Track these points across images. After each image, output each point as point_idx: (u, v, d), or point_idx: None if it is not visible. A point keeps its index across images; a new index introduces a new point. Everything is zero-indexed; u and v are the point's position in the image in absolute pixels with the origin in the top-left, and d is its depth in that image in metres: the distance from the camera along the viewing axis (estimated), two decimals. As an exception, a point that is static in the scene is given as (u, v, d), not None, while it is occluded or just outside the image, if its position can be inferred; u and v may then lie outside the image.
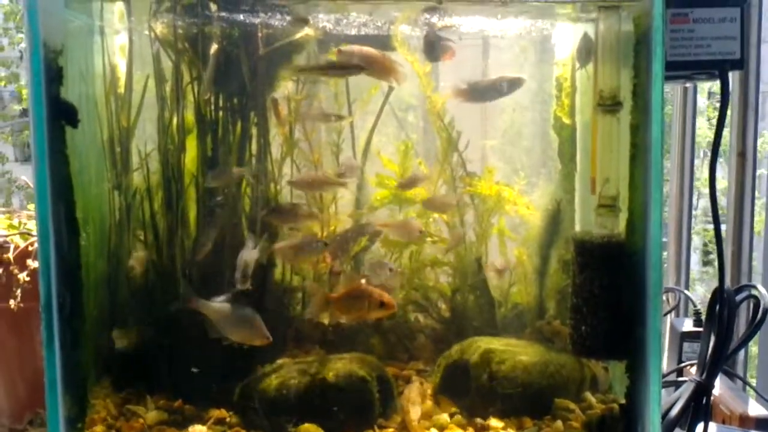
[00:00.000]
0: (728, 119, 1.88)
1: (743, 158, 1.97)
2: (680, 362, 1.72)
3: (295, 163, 1.54)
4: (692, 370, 1.41)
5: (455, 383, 1.39)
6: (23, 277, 1.48)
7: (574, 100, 1.55)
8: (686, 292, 2.04)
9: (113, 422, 1.30)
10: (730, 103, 1.57)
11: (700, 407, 1.30)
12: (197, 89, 1.43)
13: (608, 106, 1.38)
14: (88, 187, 1.36)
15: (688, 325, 1.77)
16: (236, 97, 1.46)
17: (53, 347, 1.14)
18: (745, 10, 1.26)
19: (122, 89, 1.44)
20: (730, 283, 1.94)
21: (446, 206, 1.57)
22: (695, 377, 1.32)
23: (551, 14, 1.46)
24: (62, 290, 1.16)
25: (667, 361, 1.80)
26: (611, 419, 1.29)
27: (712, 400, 1.35)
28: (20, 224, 1.63)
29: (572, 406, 1.33)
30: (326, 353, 1.47)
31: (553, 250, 1.57)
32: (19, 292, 1.48)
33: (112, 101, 1.43)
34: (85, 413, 1.26)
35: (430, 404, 1.38)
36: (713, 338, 1.32)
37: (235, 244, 1.41)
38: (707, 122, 7.08)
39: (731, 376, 1.80)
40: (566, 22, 1.49)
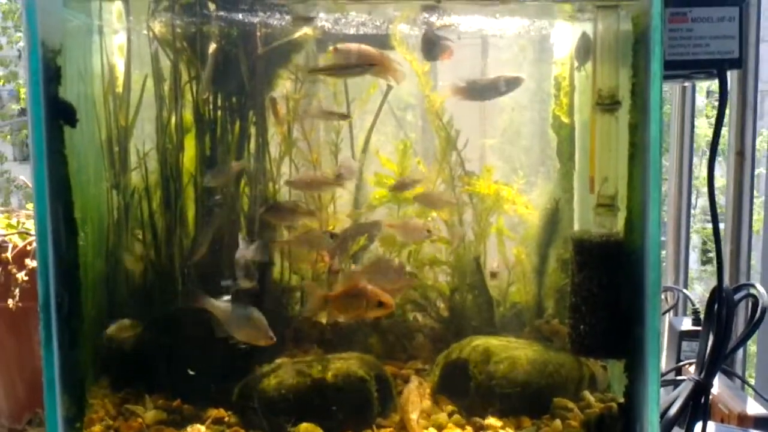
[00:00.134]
0: (727, 118, 1.89)
1: (742, 157, 1.97)
2: (679, 361, 1.72)
3: (293, 162, 1.54)
4: (691, 369, 1.41)
5: (454, 382, 1.39)
6: (21, 276, 1.48)
7: (572, 99, 1.55)
8: (685, 290, 2.04)
9: (111, 422, 1.29)
10: (728, 102, 1.57)
11: (698, 406, 1.30)
12: (196, 88, 1.43)
13: (607, 105, 1.38)
14: (86, 186, 1.36)
15: (686, 324, 1.77)
16: (235, 96, 1.46)
17: (51, 347, 1.14)
18: (743, 9, 1.26)
19: (121, 89, 1.44)
20: (728, 282, 1.94)
21: (439, 202, 1.57)
22: (694, 376, 1.31)
23: (550, 13, 1.46)
24: (60, 290, 1.16)
25: (665, 360, 1.79)
26: (610, 418, 1.29)
27: (710, 399, 1.35)
28: (19, 224, 1.63)
29: (571, 405, 1.33)
30: (325, 352, 1.47)
31: (551, 249, 1.57)
32: (17, 291, 1.48)
33: (110, 101, 1.43)
34: (83, 413, 1.26)
35: (428, 403, 1.37)
36: (712, 337, 1.31)
37: (233, 243, 1.41)
38: (706, 121, 7.08)
39: (730, 375, 1.79)
40: (565, 21, 1.49)
